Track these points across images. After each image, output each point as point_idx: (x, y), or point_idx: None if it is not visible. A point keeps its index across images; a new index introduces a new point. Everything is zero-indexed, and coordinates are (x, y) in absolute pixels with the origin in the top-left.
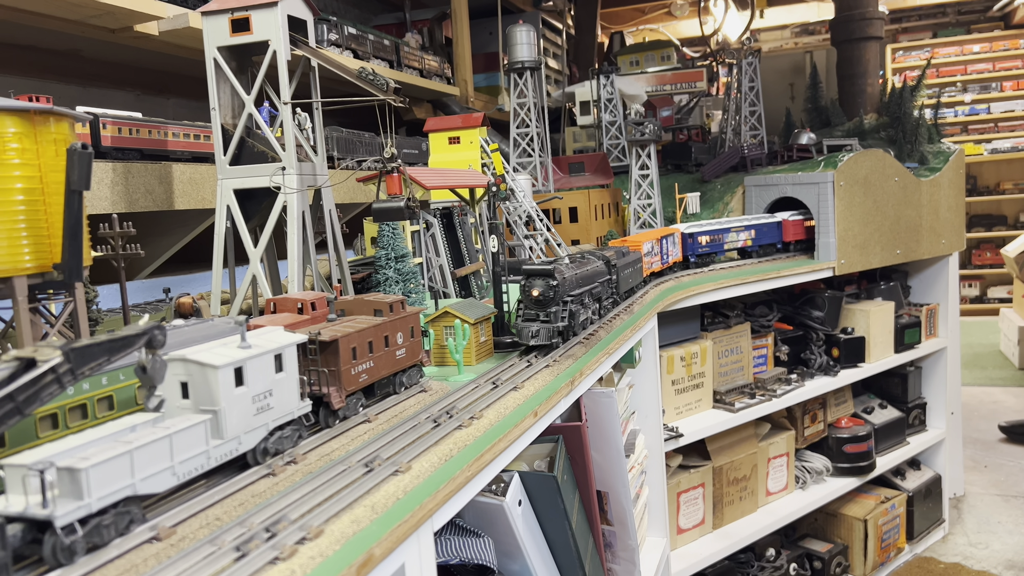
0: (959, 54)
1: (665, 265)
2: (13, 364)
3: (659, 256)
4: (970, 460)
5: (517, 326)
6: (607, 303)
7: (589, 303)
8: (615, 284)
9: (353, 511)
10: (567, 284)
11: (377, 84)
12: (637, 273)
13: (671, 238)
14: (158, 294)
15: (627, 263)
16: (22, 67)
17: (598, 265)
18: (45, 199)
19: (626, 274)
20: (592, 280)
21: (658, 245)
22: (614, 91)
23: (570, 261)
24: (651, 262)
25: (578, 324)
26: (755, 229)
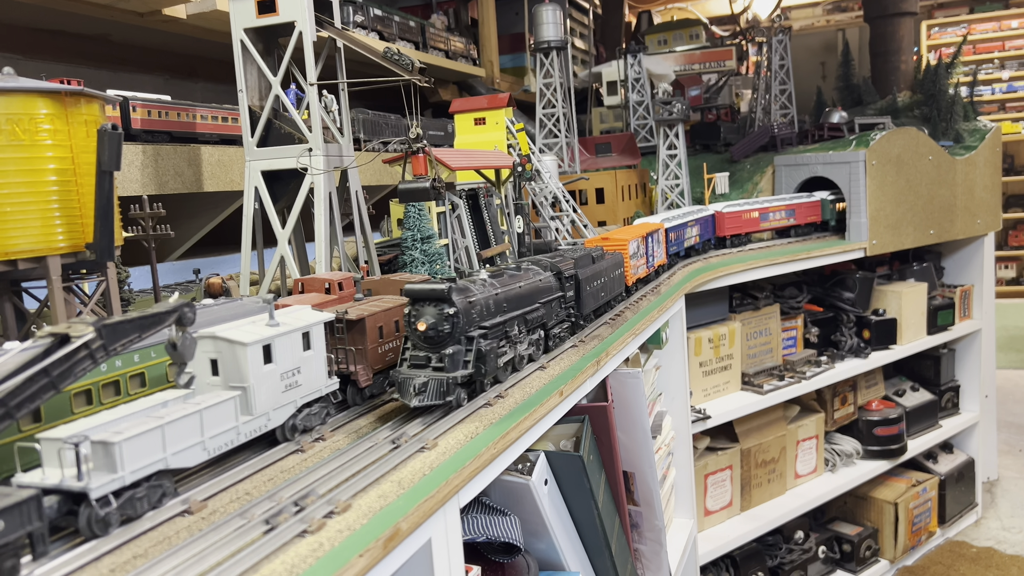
0: (997, 30)
1: (651, 269)
2: (48, 340)
3: (645, 259)
4: (1004, 444)
5: (396, 377)
6: (559, 330)
7: (521, 335)
8: (572, 302)
9: (380, 486)
10: (475, 311)
11: (403, 64)
12: (616, 282)
13: (657, 235)
14: (188, 275)
15: (597, 272)
16: (53, 52)
17: (540, 278)
18: (77, 180)
19: (595, 287)
20: (528, 300)
21: (644, 244)
22: (642, 71)
23: (491, 276)
24: (637, 265)
25: (498, 368)
26: (699, 224)
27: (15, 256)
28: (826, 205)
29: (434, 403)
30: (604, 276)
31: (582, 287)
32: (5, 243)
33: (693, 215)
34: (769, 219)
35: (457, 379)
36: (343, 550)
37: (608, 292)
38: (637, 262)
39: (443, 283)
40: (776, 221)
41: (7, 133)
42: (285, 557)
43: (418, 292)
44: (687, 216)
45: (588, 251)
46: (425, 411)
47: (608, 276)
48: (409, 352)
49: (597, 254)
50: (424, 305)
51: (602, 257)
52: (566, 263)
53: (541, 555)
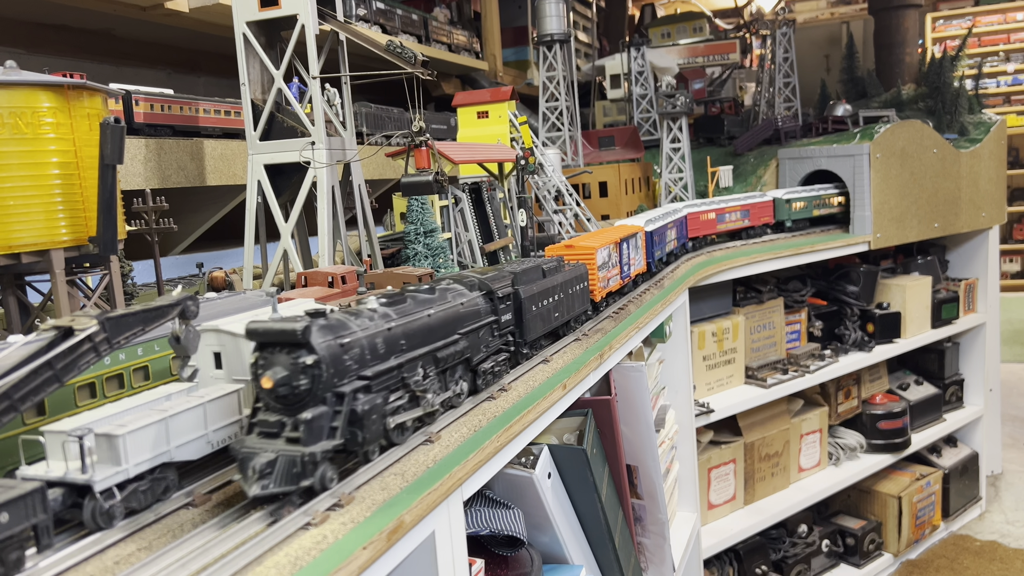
0: (1002, 22)
1: (626, 280)
2: (51, 333)
3: (618, 268)
4: (1008, 438)
5: (235, 449)
6: (492, 364)
7: (429, 380)
8: (511, 327)
9: (383, 479)
10: (351, 356)
11: (405, 57)
12: (577, 298)
13: (634, 240)
14: (191, 269)
15: (548, 288)
16: (56, 47)
17: (463, 301)
18: (80, 173)
19: (544, 307)
20: (442, 332)
21: (616, 252)
22: (645, 64)
23: (387, 302)
24: (607, 277)
25: (388, 430)
26: (676, 226)
27: (19, 250)
28: (780, 205)
29: (284, 490)
30: (558, 292)
31: (525, 308)
32: (9, 237)
33: (671, 216)
34: (726, 220)
35: (316, 456)
36: (347, 542)
37: (565, 311)
38: (607, 273)
39: (300, 320)
40: (732, 223)
41: (10, 127)
42: (289, 549)
43: (264, 333)
44: (667, 217)
45: (537, 264)
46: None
47: (565, 292)
48: (258, 415)
49: (549, 266)
50: (273, 352)
51: (557, 269)
52: (501, 280)
53: (544, 548)
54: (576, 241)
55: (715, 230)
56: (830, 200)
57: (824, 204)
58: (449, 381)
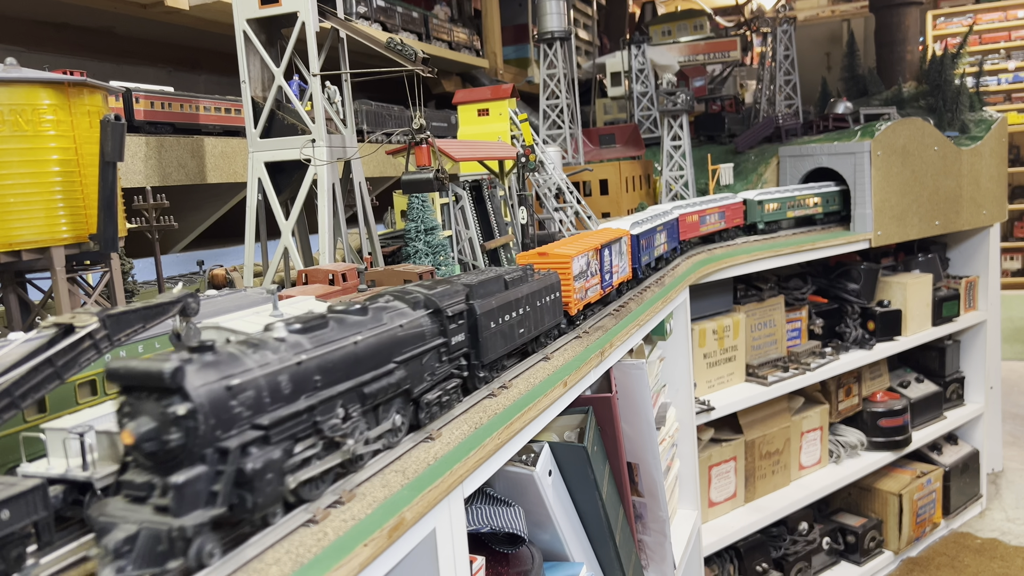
0: (1003, 20)
1: (607, 290)
2: (52, 330)
3: (598, 276)
4: (1009, 435)
5: (92, 517)
6: (439, 393)
7: (353, 422)
8: (463, 349)
9: (384, 476)
10: (243, 401)
11: (406, 54)
12: (548, 311)
13: (617, 246)
14: (192, 267)
15: (511, 301)
16: (57, 45)
17: (402, 323)
18: (80, 170)
19: (505, 323)
20: (371, 362)
21: (596, 259)
22: (645, 61)
23: (300, 328)
24: (585, 288)
25: (287, 490)
26: (667, 229)
27: (19, 247)
28: (752, 206)
29: (147, 573)
30: (524, 306)
31: (482, 325)
32: (9, 234)
33: (660, 218)
34: (707, 222)
35: (188, 531)
36: (348, 539)
37: (532, 327)
38: (586, 283)
39: (173, 358)
40: (712, 224)
41: (10, 124)
42: (290, 546)
43: (127, 374)
44: (656, 219)
45: (498, 274)
46: None
47: (532, 305)
48: (127, 475)
49: (513, 277)
50: (140, 397)
51: (523, 280)
52: (452, 295)
53: (545, 546)
54: (550, 248)
55: (698, 232)
56: (806, 201)
57: (799, 205)
58: (382, 418)
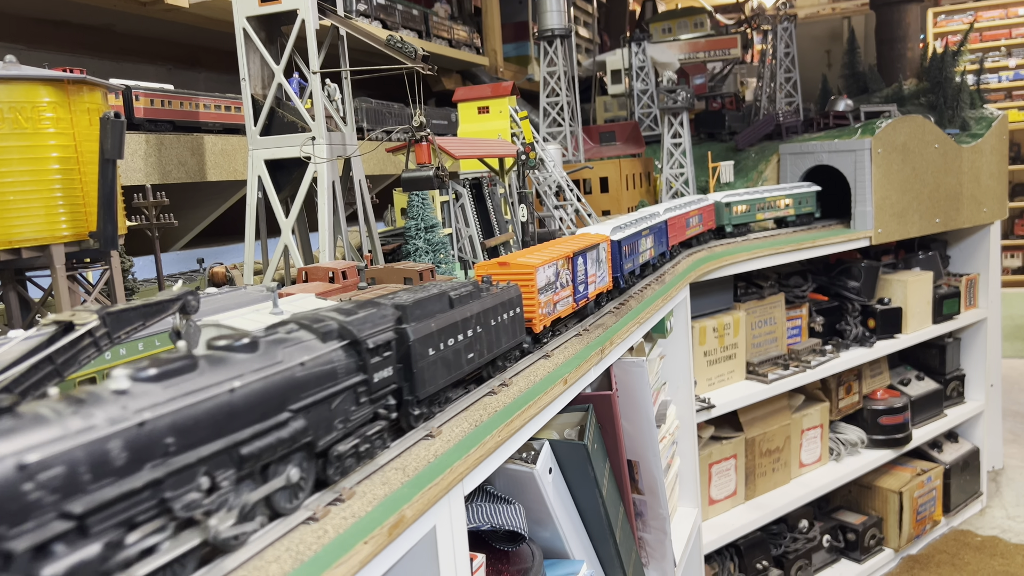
0: (1004, 17)
1: (582, 303)
2: (52, 328)
3: (570, 288)
4: (1009, 433)
5: None
6: (356, 443)
7: (224, 495)
8: (391, 386)
9: (384, 473)
10: (41, 486)
11: (406, 52)
12: (506, 330)
13: (594, 253)
14: (192, 265)
15: (456, 322)
16: (56, 42)
17: (304, 360)
18: (80, 168)
19: (449, 349)
20: (254, 414)
21: (568, 268)
22: (646, 59)
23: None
24: (553, 301)
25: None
26: (653, 233)
27: (19, 244)
28: (720, 208)
29: None
30: (475, 326)
31: (417, 354)
32: (9, 232)
33: (646, 221)
34: (690, 225)
35: None
36: (348, 537)
37: (485, 350)
38: (554, 296)
39: None
40: (693, 229)
41: (10, 121)
42: (290, 544)
43: None
44: (641, 222)
45: (442, 291)
46: None
47: (486, 325)
48: None
49: (460, 293)
50: None
51: (474, 296)
52: (377, 321)
53: (545, 543)
54: (512, 257)
55: (685, 236)
56: (777, 202)
57: (770, 207)
58: (273, 478)
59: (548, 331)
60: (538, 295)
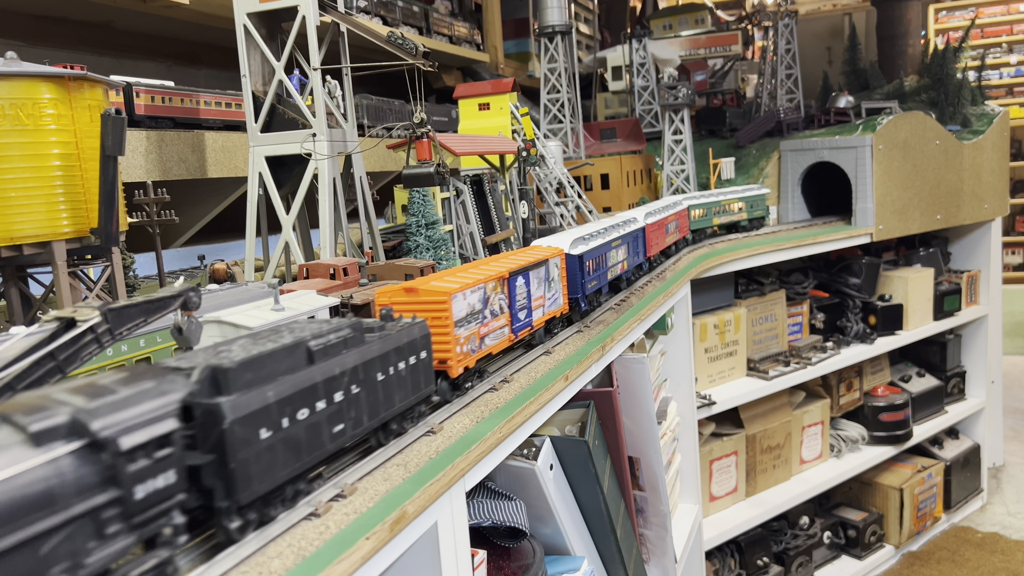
0: (1005, 14)
1: (525, 332)
2: (54, 324)
3: (506, 315)
4: (1010, 430)
5: None
6: None
7: None
8: (168, 503)
9: (386, 470)
10: None
11: (406, 48)
12: (405, 383)
13: (540, 271)
14: (193, 262)
15: (321, 384)
16: (57, 39)
17: None
18: (81, 164)
19: (304, 423)
20: None
21: (502, 292)
22: (647, 55)
23: None
24: (478, 335)
25: None
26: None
27: (20, 241)
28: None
29: None
30: (349, 385)
31: (237, 441)
32: (10, 228)
33: (618, 230)
34: (668, 232)
35: None
36: (350, 532)
37: (366, 415)
38: (480, 328)
39: None
40: (671, 235)
41: (11, 118)
42: (292, 539)
43: None
44: (611, 232)
45: (295, 340)
46: None
47: (368, 380)
48: None
49: (326, 342)
50: None
51: (352, 342)
52: (145, 398)
53: (547, 540)
54: (422, 282)
55: (664, 244)
56: (730, 206)
57: (725, 211)
58: None
59: (472, 373)
60: (454, 329)
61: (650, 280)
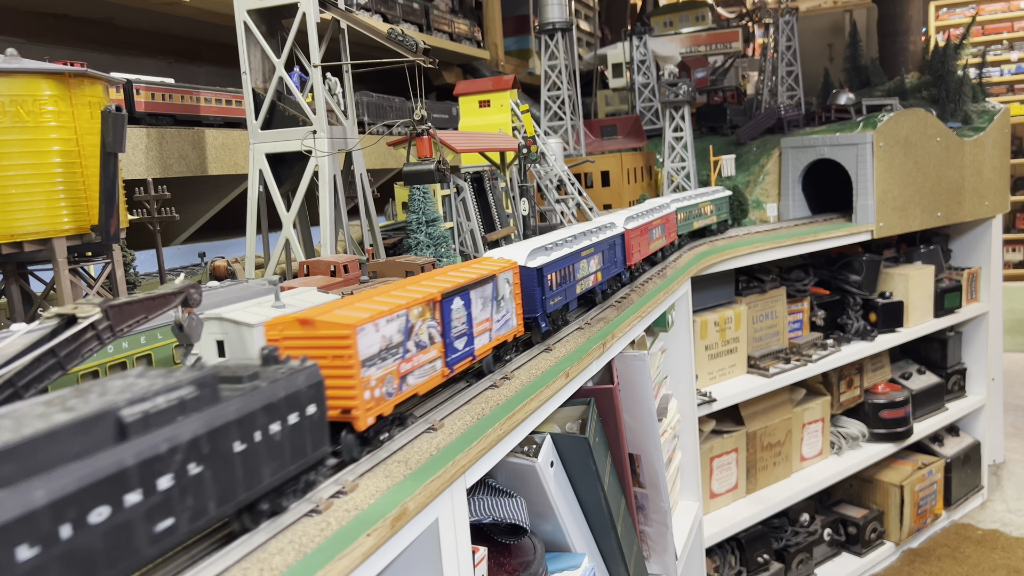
0: (1006, 10)
1: (460, 367)
2: (54, 321)
3: (436, 346)
4: (1011, 427)
5: None
6: None
7: None
8: None
9: (387, 466)
10: None
11: (407, 45)
12: (274, 452)
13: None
14: (193, 259)
15: (121, 472)
16: (57, 36)
17: None
18: (81, 161)
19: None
20: None
21: (431, 318)
22: (647, 53)
23: None
24: (396, 374)
25: None
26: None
27: (20, 238)
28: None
29: None
30: (183, 465)
31: None
32: (10, 225)
33: (592, 236)
34: (653, 237)
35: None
36: (351, 529)
37: (213, 502)
38: (399, 365)
39: None
40: (657, 241)
41: (11, 115)
42: (293, 536)
43: None
44: (582, 239)
45: (105, 406)
46: None
47: (218, 454)
48: None
49: (154, 407)
50: None
51: (197, 403)
52: None
53: (547, 537)
54: (326, 310)
55: (648, 251)
56: (704, 208)
57: (700, 215)
58: None
59: (387, 422)
60: (361, 370)
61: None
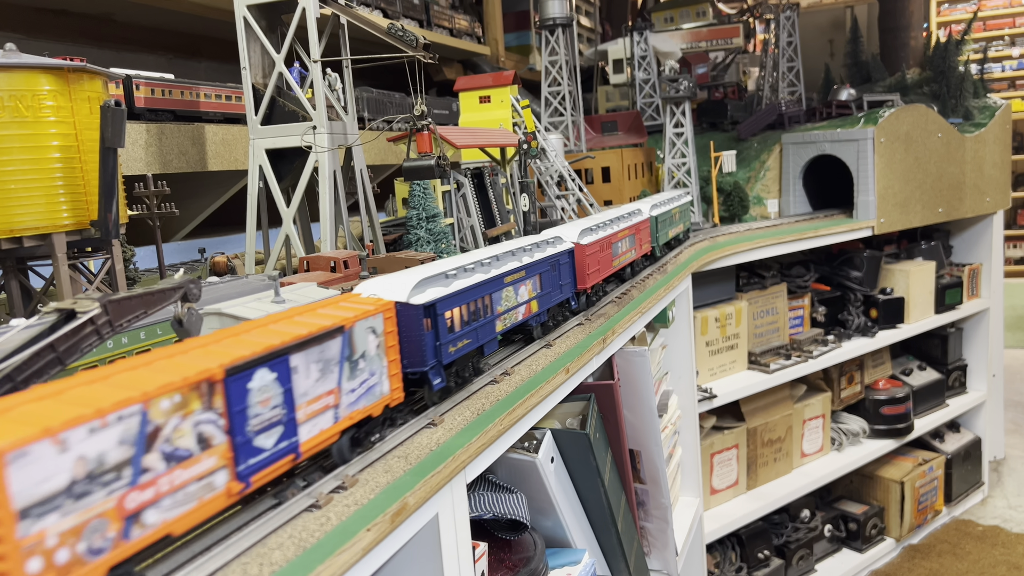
0: (1007, 6)
1: (266, 474)
2: (54, 315)
3: (221, 450)
4: (1011, 423)
5: None
6: None
7: None
8: None
9: (387, 461)
10: None
11: (407, 40)
12: None
13: (339, 342)
14: (193, 255)
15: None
16: (57, 32)
17: None
18: (81, 157)
19: None
20: None
21: (208, 409)
22: (648, 48)
23: None
24: (128, 508)
25: None
26: (541, 272)
27: (20, 233)
28: (654, 225)
29: None
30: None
31: None
32: (10, 220)
33: (524, 256)
34: (618, 252)
35: None
36: (351, 524)
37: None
38: (127, 496)
39: None
40: (624, 256)
41: (10, 110)
42: (293, 531)
43: None
44: (507, 260)
45: None
46: None
47: None
48: None
49: None
50: None
51: None
52: None
53: (547, 532)
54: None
55: (610, 270)
56: (675, 215)
57: (672, 222)
58: None
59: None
60: (16, 525)
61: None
